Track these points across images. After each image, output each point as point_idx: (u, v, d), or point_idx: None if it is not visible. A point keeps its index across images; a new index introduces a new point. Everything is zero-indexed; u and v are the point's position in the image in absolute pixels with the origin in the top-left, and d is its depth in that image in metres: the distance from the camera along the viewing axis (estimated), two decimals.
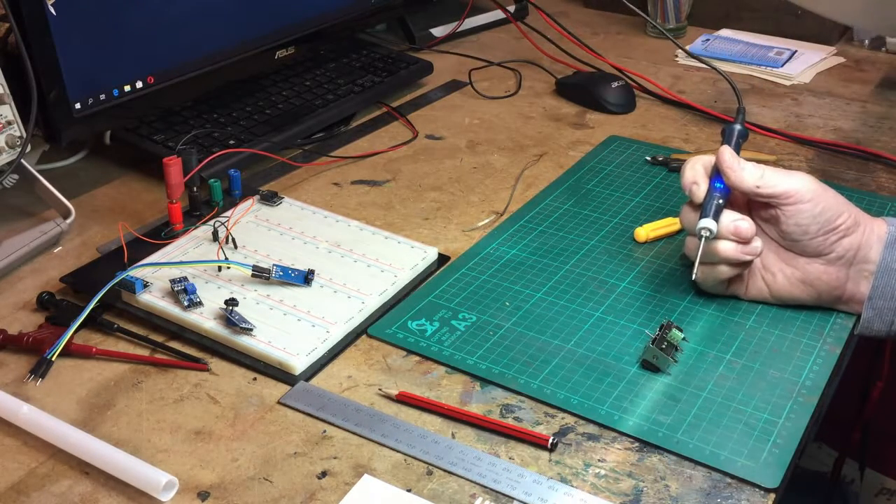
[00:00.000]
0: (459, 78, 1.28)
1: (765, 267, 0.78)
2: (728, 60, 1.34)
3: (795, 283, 0.77)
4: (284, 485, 0.62)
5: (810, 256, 0.76)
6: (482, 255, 0.87)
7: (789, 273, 0.77)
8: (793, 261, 0.77)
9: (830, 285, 0.76)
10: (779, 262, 0.77)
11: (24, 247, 0.85)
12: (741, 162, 0.76)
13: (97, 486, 0.62)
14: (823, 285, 0.76)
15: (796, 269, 0.77)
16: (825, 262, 0.75)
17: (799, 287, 0.77)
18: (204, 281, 0.79)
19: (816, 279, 0.76)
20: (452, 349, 0.74)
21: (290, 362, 0.71)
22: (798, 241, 0.75)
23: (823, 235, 0.74)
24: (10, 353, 0.74)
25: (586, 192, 0.98)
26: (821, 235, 0.74)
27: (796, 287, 0.77)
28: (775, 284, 0.78)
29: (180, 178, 0.85)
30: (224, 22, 1.04)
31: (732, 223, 0.75)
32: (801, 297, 0.78)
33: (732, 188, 0.76)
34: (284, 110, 1.09)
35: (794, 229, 0.75)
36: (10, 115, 0.83)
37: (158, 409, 0.69)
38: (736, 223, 0.75)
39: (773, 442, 0.65)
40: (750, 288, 0.79)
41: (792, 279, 0.77)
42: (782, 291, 0.78)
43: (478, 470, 0.63)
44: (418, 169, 1.04)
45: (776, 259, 0.77)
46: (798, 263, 0.76)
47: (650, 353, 0.72)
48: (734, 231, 0.75)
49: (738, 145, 0.82)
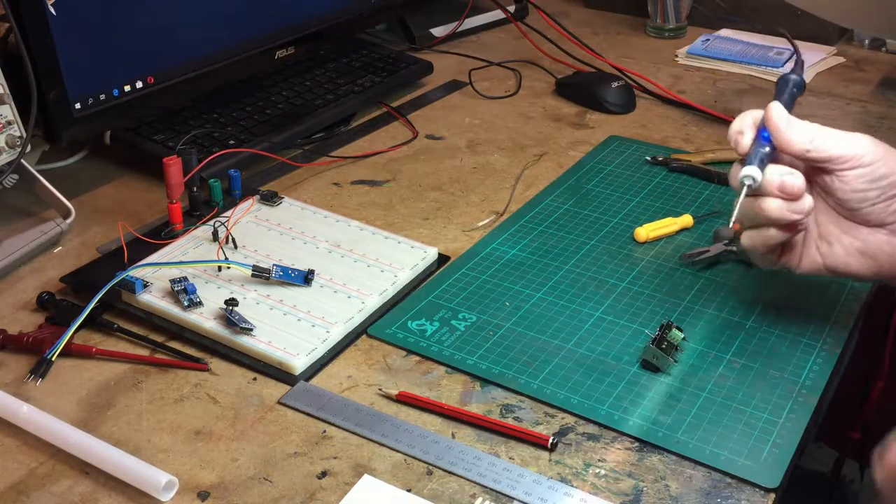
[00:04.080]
0: (459, 78, 1.28)
1: (821, 237, 0.70)
2: (728, 60, 1.34)
3: (854, 255, 0.69)
4: (284, 485, 0.62)
5: (872, 226, 0.68)
6: (482, 255, 0.87)
7: (847, 243, 0.69)
8: (853, 230, 0.69)
9: (894, 258, 0.68)
10: (837, 231, 0.69)
11: (24, 247, 0.85)
12: (791, 120, 0.67)
13: (97, 486, 0.62)
14: (886, 257, 0.68)
15: (856, 238, 0.69)
16: (889, 231, 0.68)
17: (858, 259, 0.69)
18: (204, 281, 0.79)
19: (878, 250, 0.68)
20: (452, 349, 0.74)
21: (290, 362, 0.71)
22: (857, 210, 0.67)
23: (885, 202, 0.66)
24: (10, 353, 0.74)
25: (586, 192, 0.98)
26: (882, 202, 0.66)
27: (855, 259, 0.69)
28: (831, 255, 0.70)
29: (180, 178, 0.85)
30: (224, 22, 1.04)
31: (779, 177, 0.66)
32: (859, 271, 0.70)
33: (781, 150, 0.67)
34: (284, 110, 1.09)
35: (851, 196, 0.67)
36: (10, 115, 0.83)
37: (158, 409, 0.69)
38: (783, 177, 0.66)
39: (773, 442, 0.65)
40: (804, 260, 0.71)
41: (850, 250, 0.69)
42: (839, 264, 0.70)
43: (478, 470, 0.63)
44: (418, 169, 1.04)
45: (834, 228, 0.69)
46: (859, 233, 0.69)
47: (650, 353, 0.72)
48: (780, 186, 0.66)
49: (793, 98, 0.71)
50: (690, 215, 0.91)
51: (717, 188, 0.98)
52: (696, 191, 0.98)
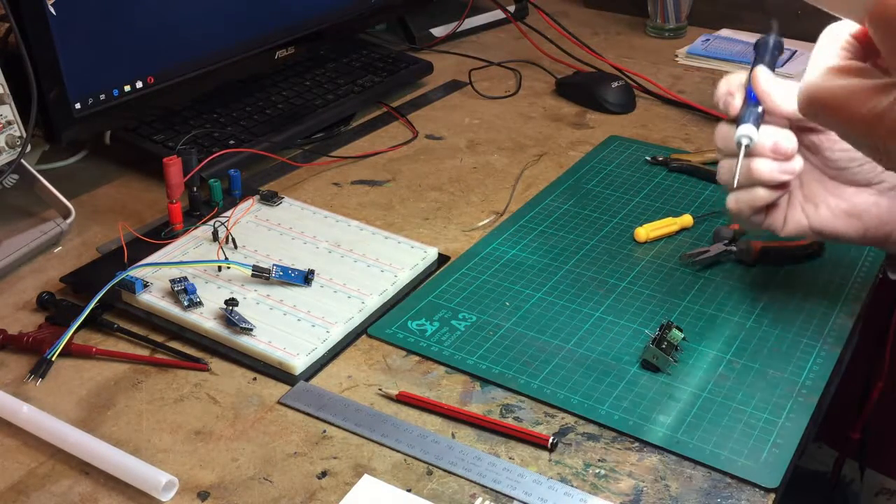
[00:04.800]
0: (459, 78, 1.28)
1: (806, 197, 0.69)
2: (728, 60, 1.34)
3: (840, 216, 0.68)
4: (284, 485, 0.62)
5: (859, 185, 0.67)
6: (482, 255, 0.87)
7: (833, 204, 0.68)
8: (838, 190, 0.68)
9: (881, 219, 0.68)
10: (823, 191, 0.68)
11: (24, 247, 0.85)
12: (779, 83, 0.66)
13: (97, 486, 0.62)
14: (872, 219, 0.68)
15: (842, 199, 0.68)
16: (876, 191, 0.67)
17: (844, 220, 0.68)
18: (204, 281, 0.79)
19: (865, 211, 0.68)
20: (452, 349, 0.74)
21: (290, 362, 0.71)
22: (845, 169, 0.67)
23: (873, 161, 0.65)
24: (10, 353, 0.74)
25: (586, 192, 0.98)
26: (870, 161, 0.64)
27: (841, 220, 0.68)
28: (817, 217, 0.69)
29: (180, 178, 0.85)
30: (224, 22, 1.04)
31: (771, 138, 0.65)
32: (844, 232, 0.69)
33: (770, 114, 0.66)
34: (284, 110, 1.09)
35: (840, 156, 0.66)
36: (10, 115, 0.83)
37: (158, 409, 0.69)
38: (775, 138, 0.65)
39: (773, 442, 0.65)
40: (788, 221, 0.70)
41: (836, 211, 0.68)
42: (825, 225, 0.69)
43: (478, 470, 0.63)
44: (418, 169, 1.04)
45: (820, 189, 0.68)
46: (845, 194, 0.68)
47: (650, 353, 0.72)
48: (773, 147, 0.65)
49: (774, 59, 0.70)
50: (690, 215, 0.91)
51: (717, 188, 0.98)
52: (696, 191, 0.98)
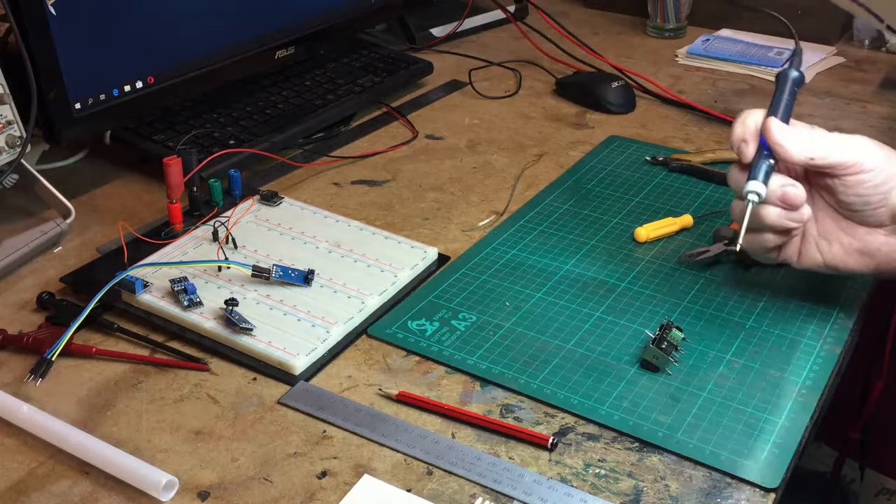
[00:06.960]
0: (459, 78, 1.27)
1: (821, 234, 0.72)
2: (728, 60, 1.34)
3: (853, 254, 0.72)
4: (284, 485, 0.62)
5: (871, 226, 0.71)
6: (482, 255, 0.87)
7: (847, 243, 0.72)
8: (852, 230, 0.71)
9: (891, 256, 0.71)
10: (837, 230, 0.72)
11: (24, 247, 0.85)
12: (790, 132, 0.69)
13: (97, 486, 0.62)
14: (884, 256, 0.71)
15: (855, 238, 0.71)
16: (887, 232, 0.70)
17: (856, 258, 0.72)
18: (204, 281, 0.79)
19: (877, 250, 0.71)
20: (452, 349, 0.74)
21: (290, 362, 0.71)
22: (858, 212, 0.70)
23: (885, 205, 0.69)
24: (10, 353, 0.74)
25: (586, 192, 0.98)
26: (883, 206, 0.69)
27: (853, 258, 0.72)
28: (830, 254, 0.73)
29: (180, 178, 0.85)
30: (224, 22, 1.04)
31: (780, 188, 0.69)
32: (857, 269, 0.73)
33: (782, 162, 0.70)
34: (284, 110, 1.09)
35: (853, 200, 0.69)
36: (10, 115, 0.83)
37: (158, 409, 0.69)
38: (784, 189, 0.69)
39: (773, 442, 0.65)
40: (803, 256, 0.74)
41: (849, 249, 0.72)
42: (837, 261, 0.73)
43: (478, 470, 0.63)
44: (418, 169, 1.04)
45: (834, 227, 0.72)
46: (857, 233, 0.71)
47: (650, 353, 0.72)
48: (781, 197, 0.69)
49: (794, 95, 0.73)
50: (690, 215, 0.91)
51: (717, 188, 0.98)
52: (696, 191, 0.98)
